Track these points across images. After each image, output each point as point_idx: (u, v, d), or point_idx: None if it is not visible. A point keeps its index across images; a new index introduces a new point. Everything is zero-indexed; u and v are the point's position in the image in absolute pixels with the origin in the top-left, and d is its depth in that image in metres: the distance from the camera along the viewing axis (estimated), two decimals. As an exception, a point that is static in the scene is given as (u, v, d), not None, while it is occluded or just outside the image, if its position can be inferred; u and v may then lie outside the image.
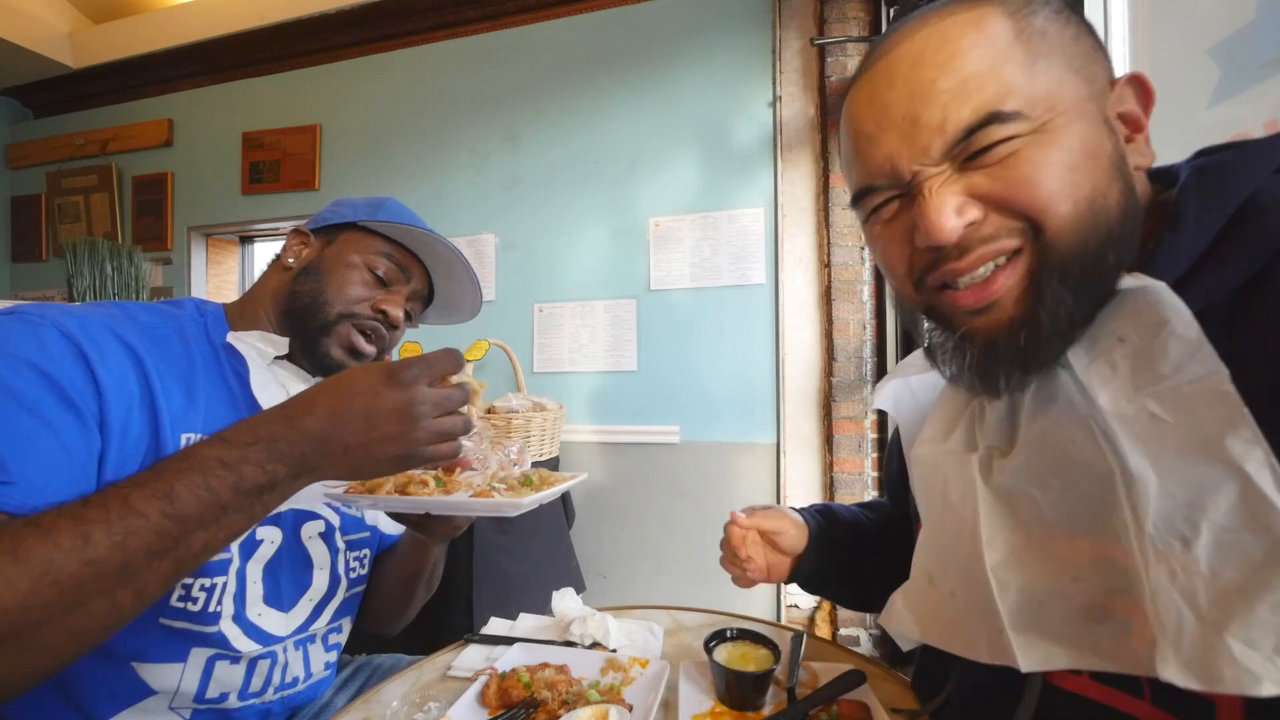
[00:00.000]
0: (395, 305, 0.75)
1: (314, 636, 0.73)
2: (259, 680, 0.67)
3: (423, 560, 0.81)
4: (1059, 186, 0.38)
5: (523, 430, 1.68)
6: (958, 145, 0.40)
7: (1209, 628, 0.33)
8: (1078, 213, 0.38)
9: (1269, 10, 0.67)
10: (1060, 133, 0.38)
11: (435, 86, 2.31)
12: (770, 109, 1.96)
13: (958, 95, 0.39)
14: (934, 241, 0.41)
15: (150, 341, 0.60)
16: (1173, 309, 0.36)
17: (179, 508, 0.43)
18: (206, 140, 2.62)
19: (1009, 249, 0.40)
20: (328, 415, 0.48)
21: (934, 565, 0.50)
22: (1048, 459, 0.41)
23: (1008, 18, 0.40)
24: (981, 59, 0.39)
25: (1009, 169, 0.39)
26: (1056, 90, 0.39)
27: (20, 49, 2.54)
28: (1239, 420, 0.33)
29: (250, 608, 0.65)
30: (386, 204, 0.77)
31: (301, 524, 0.72)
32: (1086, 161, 0.38)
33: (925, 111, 0.40)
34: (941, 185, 0.40)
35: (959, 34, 0.40)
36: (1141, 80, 0.42)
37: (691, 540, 2.01)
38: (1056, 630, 0.40)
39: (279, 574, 0.68)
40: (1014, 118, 0.38)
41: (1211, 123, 0.73)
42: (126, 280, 2.03)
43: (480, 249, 2.25)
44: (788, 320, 1.93)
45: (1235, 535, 0.33)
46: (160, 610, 0.59)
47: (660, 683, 0.64)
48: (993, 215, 0.40)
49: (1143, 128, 0.42)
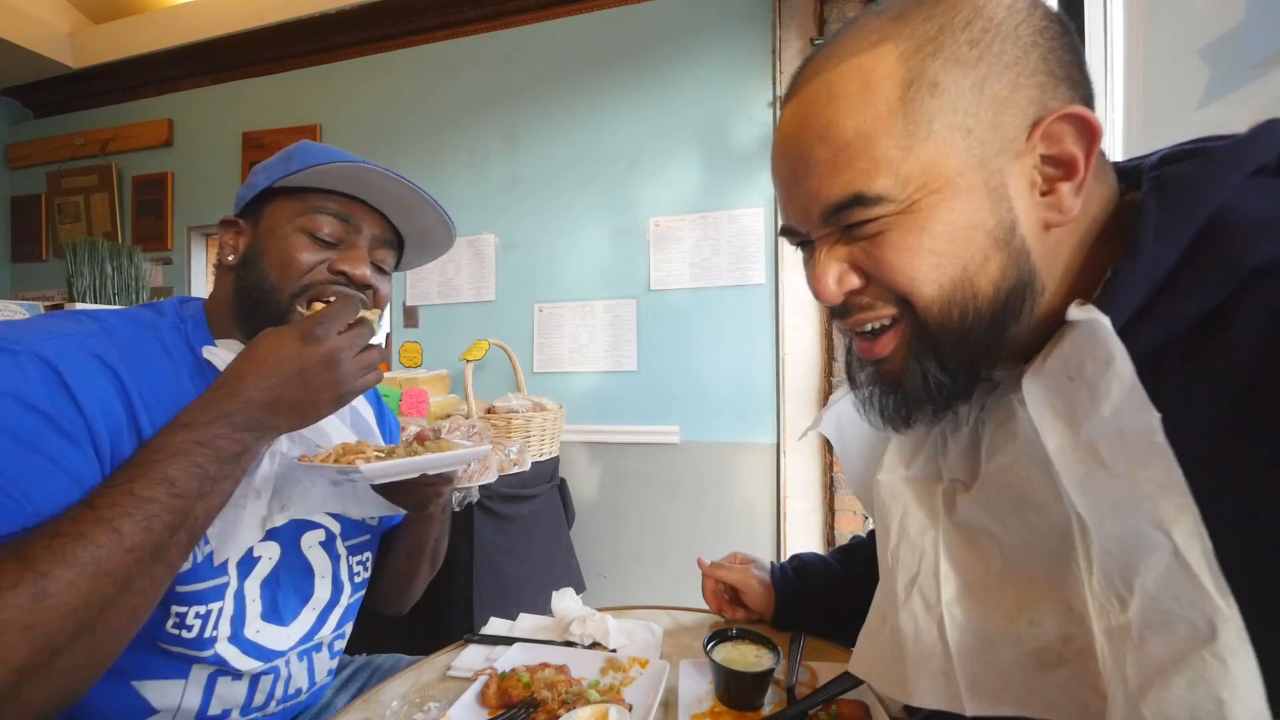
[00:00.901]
0: (355, 262, 0.65)
1: (320, 645, 0.72)
2: (261, 695, 0.67)
3: (424, 535, 0.81)
4: (923, 271, 0.38)
5: (523, 430, 1.69)
6: (828, 218, 0.40)
7: (1131, 698, 0.32)
8: (943, 295, 0.38)
9: (1259, 11, 0.67)
10: (929, 213, 0.37)
11: (435, 86, 2.31)
12: (770, 109, 1.96)
13: (830, 169, 0.39)
14: (821, 301, 0.43)
15: (132, 359, 0.58)
16: (1113, 344, 0.34)
17: (180, 487, 0.50)
18: (206, 140, 2.63)
19: (886, 316, 0.41)
20: (264, 383, 0.54)
21: (885, 602, 0.48)
22: (1005, 497, 0.40)
23: (901, 64, 0.37)
24: (858, 129, 0.38)
25: (878, 248, 0.39)
26: (933, 163, 0.37)
27: (20, 49, 2.54)
28: (1170, 481, 0.31)
29: (248, 625, 0.64)
30: (297, 152, 0.67)
31: (301, 535, 0.70)
32: (955, 243, 0.37)
33: (805, 181, 0.41)
34: (827, 252, 0.42)
35: (844, 90, 0.38)
36: (1082, 117, 0.36)
37: (691, 540, 2.01)
38: (1007, 675, 0.38)
39: (277, 588, 0.67)
40: (877, 201, 0.38)
41: (1202, 122, 0.73)
42: (126, 280, 2.03)
43: (480, 249, 2.25)
44: (788, 320, 1.93)
45: (1162, 605, 0.32)
46: (156, 635, 0.58)
47: (660, 683, 0.64)
48: (871, 285, 0.41)
49: (1076, 172, 0.37)
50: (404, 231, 0.73)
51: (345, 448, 0.64)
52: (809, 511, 1.91)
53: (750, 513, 1.96)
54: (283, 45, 2.49)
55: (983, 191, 0.37)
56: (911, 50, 0.37)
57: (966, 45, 0.36)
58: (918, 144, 0.37)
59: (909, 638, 0.43)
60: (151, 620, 0.57)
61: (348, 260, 0.65)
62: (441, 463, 0.65)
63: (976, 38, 0.36)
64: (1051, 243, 0.39)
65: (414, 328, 2.34)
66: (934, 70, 0.37)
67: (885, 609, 0.48)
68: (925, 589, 0.43)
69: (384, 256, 0.70)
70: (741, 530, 1.97)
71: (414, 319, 2.34)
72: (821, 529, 1.91)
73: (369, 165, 0.63)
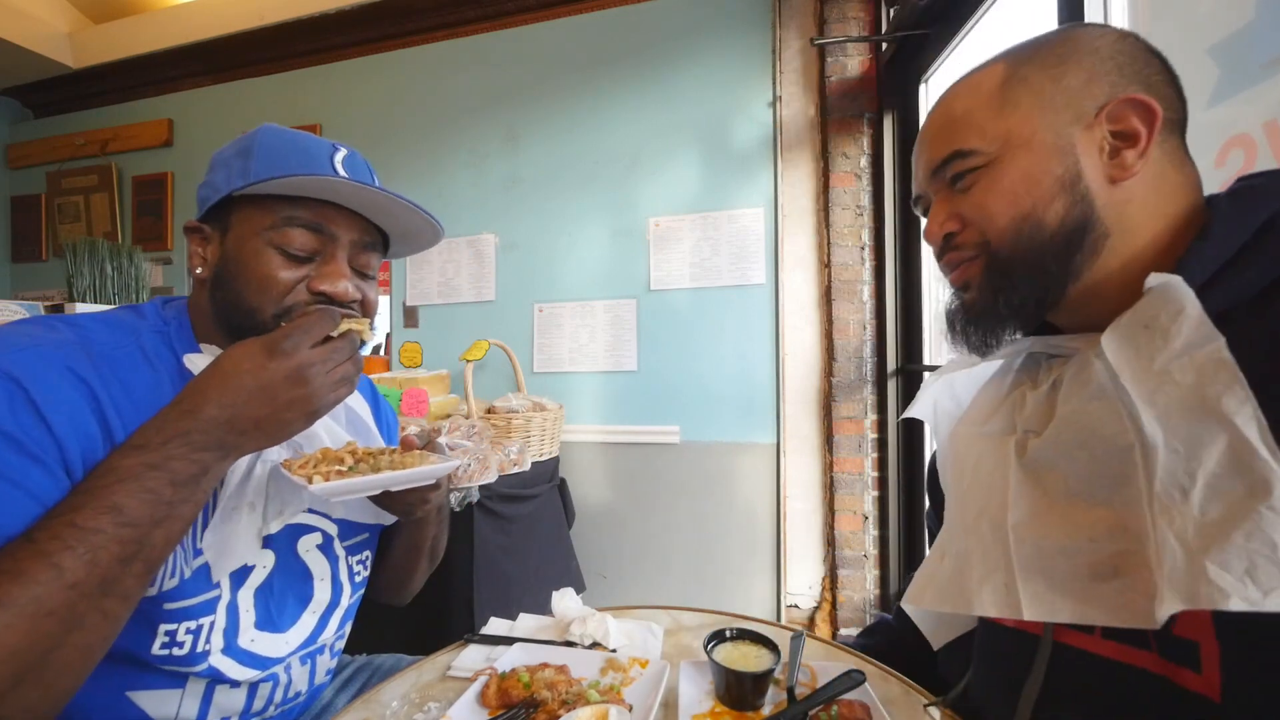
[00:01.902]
0: (334, 279, 0.61)
1: (322, 648, 0.72)
2: (260, 701, 0.66)
3: (420, 536, 0.80)
4: (1000, 208, 0.49)
5: (523, 430, 1.68)
6: (936, 172, 0.54)
7: (1193, 556, 0.37)
8: (1013, 226, 0.49)
9: (1268, 10, 0.67)
10: (1009, 164, 0.49)
11: (435, 86, 2.31)
12: (770, 109, 1.96)
13: (941, 137, 0.53)
14: (929, 242, 0.56)
15: (109, 368, 0.54)
16: (1186, 296, 0.41)
17: (129, 515, 0.46)
18: (206, 140, 2.62)
19: (969, 255, 0.53)
20: (225, 400, 0.51)
21: (948, 539, 0.55)
22: (1075, 433, 0.46)
23: (1005, 69, 0.51)
24: (965, 106, 0.52)
25: (971, 195, 0.51)
26: (1016, 128, 0.49)
27: (20, 49, 2.54)
28: (1233, 382, 0.38)
29: (242, 636, 0.62)
30: (255, 148, 0.61)
31: (298, 539, 0.69)
32: (1027, 184, 0.48)
33: (926, 148, 0.55)
34: (939, 204, 0.54)
35: (964, 88, 0.53)
36: (1142, 101, 0.46)
37: (692, 540, 2.01)
38: (1063, 584, 0.43)
39: (270, 596, 0.65)
40: (971, 154, 0.50)
41: (1210, 122, 0.73)
42: (126, 280, 2.02)
43: (480, 249, 2.25)
44: (788, 320, 1.93)
45: (1222, 479, 0.37)
46: (144, 658, 0.57)
47: (660, 683, 0.64)
48: (967, 229, 0.52)
49: (1138, 141, 0.47)
50: (386, 230, 0.68)
51: (325, 453, 0.61)
52: (809, 511, 1.91)
53: (750, 513, 1.96)
54: (283, 45, 2.49)
55: (1052, 149, 0.48)
56: (1013, 62, 0.51)
57: (1052, 55, 0.49)
58: (1006, 115, 0.49)
59: (974, 557, 0.49)
60: (137, 642, 0.56)
61: (326, 278, 0.61)
62: (398, 480, 0.60)
63: (1063, 53, 0.49)
64: (1122, 197, 0.47)
65: (414, 328, 2.34)
66: (1025, 71, 0.50)
67: (946, 545, 0.54)
68: (994, 515, 0.49)
69: (367, 261, 0.65)
70: (741, 530, 1.97)
71: (414, 319, 2.34)
72: (821, 529, 1.91)
73: (333, 177, 0.58)
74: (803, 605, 1.92)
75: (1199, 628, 0.41)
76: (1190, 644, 0.41)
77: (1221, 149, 0.72)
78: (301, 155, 0.62)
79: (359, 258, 0.64)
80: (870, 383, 1.85)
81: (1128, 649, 0.45)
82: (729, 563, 1.98)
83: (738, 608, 0.98)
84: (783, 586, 1.92)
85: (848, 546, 1.85)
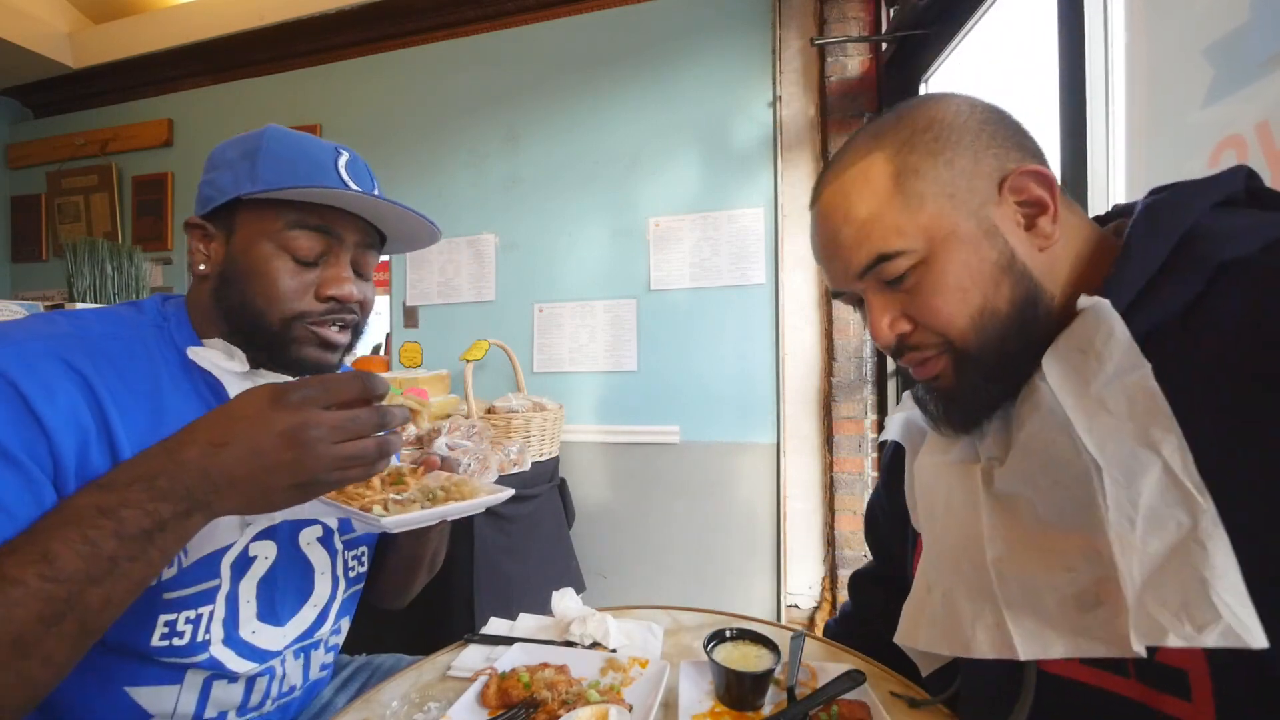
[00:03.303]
0: (339, 284, 0.62)
1: (318, 643, 0.72)
2: (257, 695, 0.66)
3: (422, 550, 0.80)
4: (955, 308, 0.48)
5: (523, 430, 1.68)
6: (863, 276, 0.51)
7: (1139, 593, 0.38)
8: (974, 324, 0.48)
9: (1264, 10, 0.67)
10: (945, 260, 0.48)
11: (435, 86, 2.31)
12: (770, 109, 1.96)
13: (855, 243, 0.51)
14: (879, 346, 0.54)
15: (105, 360, 0.53)
16: (1114, 319, 0.42)
17: (58, 568, 0.40)
18: (206, 140, 2.62)
19: (931, 354, 0.51)
20: (207, 445, 0.44)
21: (933, 572, 0.54)
22: (1035, 461, 0.46)
23: (888, 161, 0.49)
24: (869, 209, 0.50)
25: (917, 297, 0.49)
26: (934, 222, 0.48)
27: (20, 49, 2.54)
28: (1158, 411, 0.39)
29: (243, 627, 0.62)
30: (260, 153, 0.61)
31: (299, 531, 0.69)
32: (972, 278, 0.47)
33: (839, 254, 0.52)
34: (879, 304, 0.52)
35: (852, 188, 0.51)
36: (1037, 171, 0.47)
37: (691, 540, 2.01)
38: (1052, 618, 0.43)
39: (274, 588, 0.65)
40: (896, 255, 0.49)
41: (1204, 123, 0.73)
42: (126, 280, 2.02)
43: (480, 249, 2.25)
44: (788, 320, 1.93)
45: (1159, 510, 0.38)
46: (144, 650, 0.56)
47: (660, 683, 0.64)
48: (918, 328, 0.51)
49: (1047, 208, 0.48)
50: (386, 233, 0.70)
51: None
52: (809, 511, 1.91)
53: (750, 513, 1.96)
54: (283, 45, 2.49)
55: (980, 235, 0.48)
56: (893, 153, 0.50)
57: (930, 140, 0.49)
58: (915, 212, 0.48)
59: (960, 595, 0.49)
60: (137, 636, 0.55)
61: (333, 282, 0.61)
62: (461, 510, 0.64)
63: (937, 134, 0.49)
64: (1049, 261, 0.48)
65: (414, 328, 2.34)
66: (913, 161, 0.49)
67: (932, 579, 0.54)
68: (972, 552, 0.49)
69: (366, 261, 0.67)
70: (741, 530, 1.97)
71: (414, 319, 2.34)
72: (821, 529, 1.91)
73: (341, 190, 0.60)
74: (803, 605, 1.92)
75: (1188, 656, 0.40)
76: (1177, 672, 0.40)
77: (1215, 150, 0.72)
78: (308, 162, 0.62)
79: (360, 259, 0.66)
80: (870, 383, 1.85)
81: (1106, 675, 0.45)
82: (729, 563, 1.98)
83: (738, 608, 0.98)
84: (783, 586, 1.92)
85: (848, 546, 1.85)
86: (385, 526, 0.55)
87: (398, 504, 0.60)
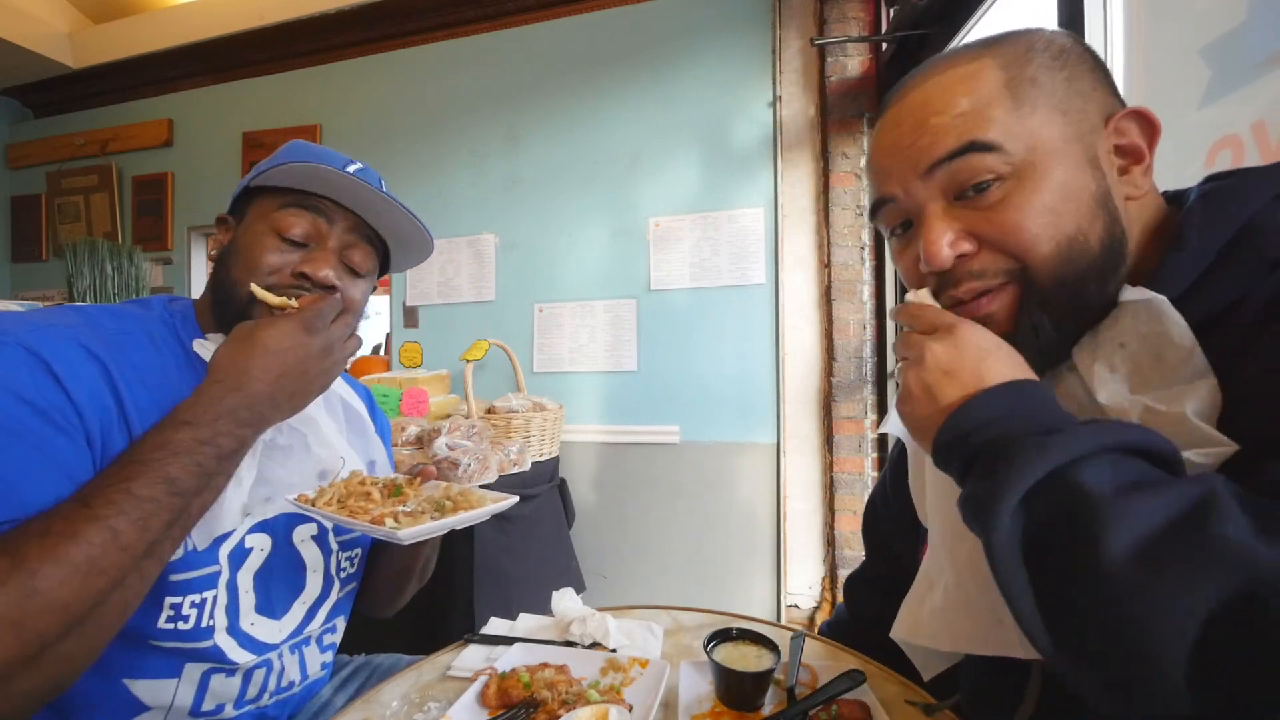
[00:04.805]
0: (317, 265, 0.64)
1: (309, 639, 0.73)
2: (254, 688, 0.67)
3: (413, 559, 0.80)
4: (1042, 230, 0.42)
5: (523, 430, 1.68)
6: (933, 170, 0.45)
7: None
8: (1059, 252, 0.42)
9: (1261, 10, 0.67)
10: (1042, 176, 0.42)
11: (435, 86, 2.31)
12: (770, 109, 1.96)
13: (943, 130, 0.44)
14: (932, 268, 0.46)
15: (116, 349, 0.57)
16: (1171, 320, 0.40)
17: (180, 486, 0.50)
18: (206, 140, 2.62)
19: (995, 283, 0.45)
20: (270, 375, 0.56)
21: (934, 569, 0.52)
22: None
23: (1001, 69, 0.44)
24: (973, 100, 0.44)
25: (999, 213, 0.43)
26: (1039, 130, 0.43)
27: (20, 49, 2.54)
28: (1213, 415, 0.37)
29: (243, 618, 0.64)
30: (281, 151, 0.68)
31: (294, 528, 0.71)
32: (1068, 203, 0.42)
33: (916, 144, 0.45)
34: (940, 218, 0.45)
35: (956, 83, 0.45)
36: (1144, 115, 0.44)
37: (691, 540, 2.01)
38: None
39: (270, 581, 0.67)
40: (993, 148, 0.43)
41: (1202, 122, 0.73)
42: (126, 280, 2.03)
43: (480, 249, 2.25)
44: (788, 320, 1.93)
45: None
46: (149, 634, 0.58)
47: (660, 683, 0.64)
48: (985, 252, 0.45)
49: (1143, 158, 0.44)
50: (380, 230, 0.71)
51: (350, 487, 0.65)
52: (809, 511, 1.91)
53: (750, 513, 1.96)
54: (283, 45, 2.49)
55: (1084, 160, 0.43)
56: (1007, 62, 0.44)
57: (1049, 58, 0.44)
58: (1025, 115, 0.43)
59: (964, 594, 0.47)
60: (143, 619, 0.57)
61: (310, 262, 0.64)
62: (468, 519, 0.67)
63: (1057, 53, 0.44)
64: (1133, 215, 0.45)
65: (414, 328, 2.34)
66: (1030, 71, 0.44)
67: (934, 574, 0.52)
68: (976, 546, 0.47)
69: (359, 258, 0.68)
70: (742, 530, 1.97)
71: (414, 319, 2.34)
72: (821, 529, 1.91)
73: (325, 166, 0.62)
74: (803, 605, 1.92)
75: None
76: None
77: (1211, 150, 0.72)
78: (315, 156, 0.67)
79: (350, 251, 0.68)
80: (870, 383, 1.85)
81: None
82: (729, 563, 1.98)
83: (738, 608, 0.98)
84: (783, 586, 1.92)
85: (848, 546, 1.85)
86: (401, 539, 0.58)
87: (407, 516, 0.63)
